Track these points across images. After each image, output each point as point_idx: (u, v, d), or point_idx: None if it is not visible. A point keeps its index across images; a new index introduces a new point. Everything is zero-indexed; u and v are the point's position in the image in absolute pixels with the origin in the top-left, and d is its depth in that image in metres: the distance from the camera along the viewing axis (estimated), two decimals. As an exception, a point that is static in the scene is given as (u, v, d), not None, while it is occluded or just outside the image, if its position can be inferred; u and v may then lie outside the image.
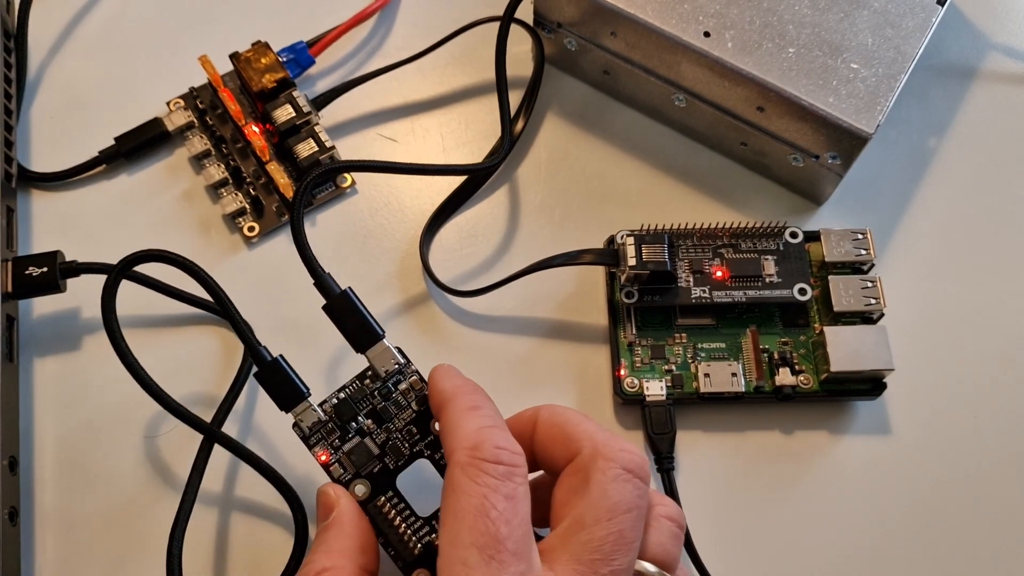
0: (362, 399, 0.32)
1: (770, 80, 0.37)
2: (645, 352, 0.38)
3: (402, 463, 0.32)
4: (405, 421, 0.32)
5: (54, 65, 0.45)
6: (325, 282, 0.32)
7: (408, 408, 0.32)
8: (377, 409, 0.32)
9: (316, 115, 0.42)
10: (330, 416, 0.32)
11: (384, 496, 0.31)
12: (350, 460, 0.31)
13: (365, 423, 0.32)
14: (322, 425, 0.32)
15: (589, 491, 0.27)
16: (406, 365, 0.32)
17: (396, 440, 0.32)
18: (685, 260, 0.38)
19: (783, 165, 0.41)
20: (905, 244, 0.41)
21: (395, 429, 0.32)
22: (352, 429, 0.32)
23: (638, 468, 0.28)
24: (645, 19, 0.38)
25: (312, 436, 0.32)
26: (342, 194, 0.42)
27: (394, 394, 0.32)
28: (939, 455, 0.38)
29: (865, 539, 0.36)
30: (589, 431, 0.29)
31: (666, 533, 0.28)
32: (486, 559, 0.25)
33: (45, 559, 0.35)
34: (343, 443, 0.32)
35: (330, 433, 0.32)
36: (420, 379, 0.32)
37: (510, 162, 0.43)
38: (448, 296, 0.40)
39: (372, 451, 0.32)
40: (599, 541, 0.26)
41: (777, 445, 0.38)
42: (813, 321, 0.38)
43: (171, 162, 0.43)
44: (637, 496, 0.27)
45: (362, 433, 0.32)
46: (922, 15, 0.39)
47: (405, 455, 0.32)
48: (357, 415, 0.32)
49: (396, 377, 0.32)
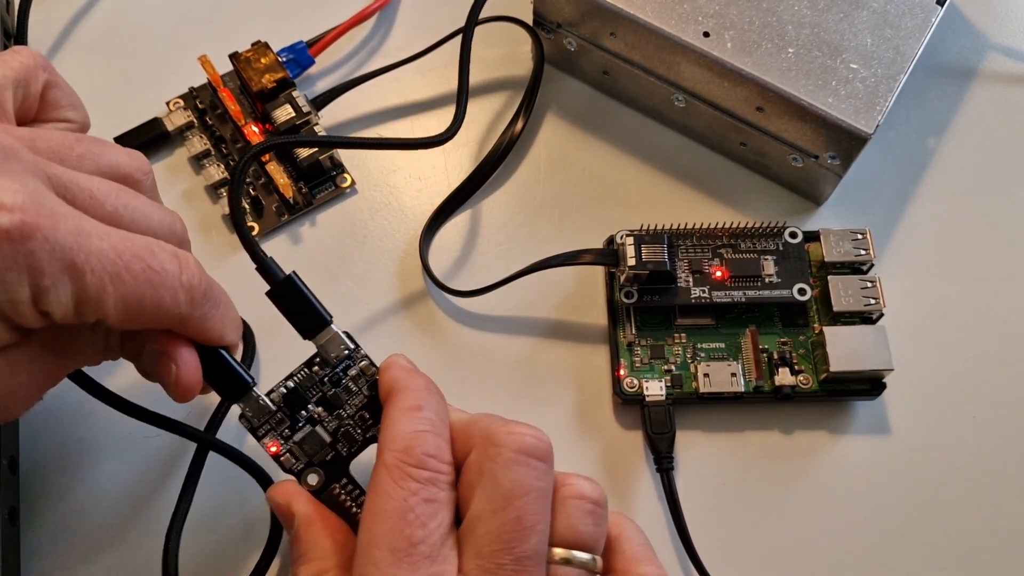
0: (311, 386, 0.31)
1: (770, 80, 0.37)
2: (645, 352, 0.38)
3: (355, 449, 0.31)
4: (356, 407, 0.31)
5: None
6: (268, 266, 0.30)
7: (360, 394, 0.31)
8: (327, 396, 0.31)
9: (316, 115, 0.42)
10: (279, 406, 0.31)
11: (338, 484, 0.31)
12: (302, 449, 0.31)
13: (316, 411, 0.31)
14: (271, 415, 0.31)
15: (483, 482, 0.27)
16: (355, 350, 0.31)
17: (348, 427, 0.31)
18: (685, 260, 0.38)
19: (783, 165, 0.41)
20: (904, 244, 0.41)
21: (347, 416, 0.31)
22: (302, 418, 0.31)
23: (532, 448, 0.27)
24: (645, 19, 0.38)
25: (260, 427, 0.31)
26: (342, 194, 0.42)
27: (344, 380, 0.31)
28: (938, 455, 0.38)
29: (864, 538, 0.36)
30: (482, 424, 0.28)
31: (575, 514, 0.28)
32: (397, 560, 0.25)
33: (45, 559, 0.35)
34: (293, 432, 0.31)
35: (280, 423, 0.31)
36: (371, 364, 0.31)
37: (510, 162, 0.43)
38: (448, 296, 0.40)
39: (324, 439, 0.31)
40: (496, 531, 0.26)
41: (777, 445, 0.38)
42: (812, 321, 0.38)
43: (171, 162, 0.43)
44: (534, 477, 0.27)
45: (313, 421, 0.31)
46: (921, 15, 0.39)
47: (358, 441, 0.31)
48: (307, 403, 0.31)
49: (346, 363, 0.31)
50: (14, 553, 0.35)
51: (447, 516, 0.27)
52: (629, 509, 0.36)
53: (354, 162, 0.43)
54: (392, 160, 0.43)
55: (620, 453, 0.37)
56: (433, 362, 0.39)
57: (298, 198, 0.41)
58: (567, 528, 0.27)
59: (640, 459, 0.37)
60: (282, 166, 0.41)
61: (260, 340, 0.39)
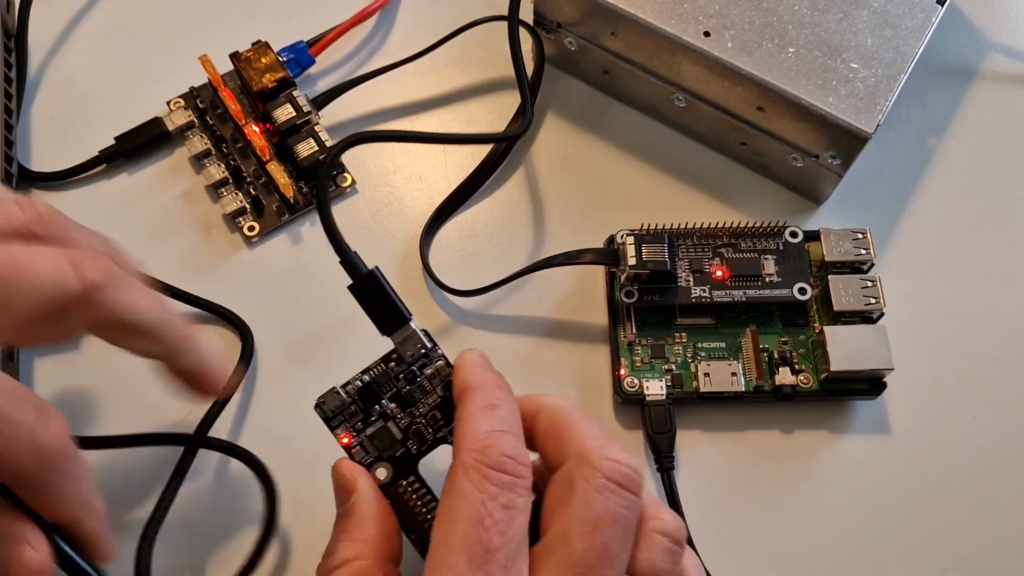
0: (386, 382, 0.31)
1: (770, 80, 0.37)
2: (645, 352, 0.38)
3: (425, 448, 0.31)
4: (429, 406, 0.31)
5: (54, 65, 0.45)
6: (352, 261, 0.30)
7: (433, 393, 0.31)
8: (401, 393, 0.31)
9: (316, 115, 0.42)
10: (353, 398, 0.31)
11: (405, 481, 0.30)
12: (372, 444, 0.31)
13: (389, 407, 0.31)
14: (345, 407, 0.31)
15: (572, 502, 0.26)
16: (433, 349, 0.31)
17: (420, 425, 0.31)
18: (685, 260, 0.38)
19: (783, 165, 0.41)
20: (905, 244, 0.41)
21: (419, 414, 0.31)
22: (376, 412, 0.31)
23: (625, 479, 0.26)
24: (645, 19, 0.38)
25: (335, 418, 0.31)
26: (342, 194, 0.42)
27: (419, 378, 0.31)
28: (938, 454, 0.38)
29: (865, 538, 0.36)
30: (581, 436, 0.27)
31: (657, 549, 0.27)
32: (474, 568, 0.25)
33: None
34: (366, 426, 0.31)
35: (352, 416, 0.31)
36: (447, 364, 0.31)
37: (510, 162, 0.43)
38: (448, 296, 0.40)
39: (395, 435, 0.31)
40: (581, 555, 0.25)
41: (777, 445, 0.38)
42: (813, 321, 0.38)
43: (171, 162, 0.43)
44: (623, 508, 0.26)
45: (385, 417, 0.31)
46: (921, 15, 0.39)
47: (428, 440, 0.31)
48: (381, 398, 0.31)
49: (422, 361, 0.31)
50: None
51: (524, 523, 0.26)
52: (629, 509, 0.36)
53: (354, 162, 0.43)
54: (392, 160, 0.43)
55: (620, 453, 0.37)
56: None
57: (299, 198, 0.41)
58: (647, 561, 0.27)
59: (640, 459, 0.37)
60: (283, 166, 0.41)
61: (260, 339, 0.39)
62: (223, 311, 0.39)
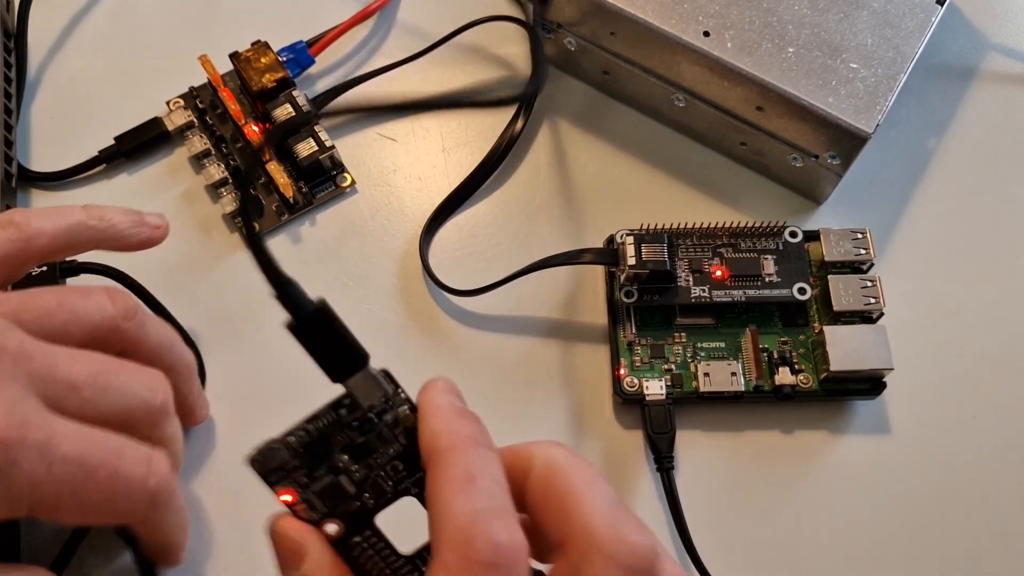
0: (338, 432, 0.26)
1: (770, 80, 0.37)
2: (645, 351, 0.38)
3: (383, 502, 0.26)
4: (390, 457, 0.26)
5: (54, 65, 0.45)
6: (292, 294, 0.24)
7: (395, 443, 0.26)
8: (356, 444, 0.26)
9: (316, 114, 0.42)
10: (296, 451, 0.25)
11: (360, 536, 0.26)
12: (321, 500, 0.26)
13: (340, 459, 0.26)
14: (286, 463, 0.25)
15: None
16: (395, 394, 0.26)
17: (378, 477, 0.26)
18: (685, 260, 0.38)
19: (783, 165, 0.41)
20: (905, 244, 0.41)
21: (377, 465, 0.26)
22: (324, 466, 0.26)
23: (643, 564, 0.22)
24: (645, 19, 0.38)
25: (273, 474, 0.25)
26: (342, 194, 0.42)
27: (377, 426, 0.26)
28: (938, 454, 0.38)
29: (865, 538, 0.36)
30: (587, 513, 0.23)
31: None
32: None
33: (45, 559, 0.35)
34: (312, 481, 0.25)
35: (296, 469, 0.25)
36: (411, 409, 0.26)
37: (510, 162, 0.43)
38: (448, 296, 0.40)
39: (347, 490, 0.26)
40: None
41: (777, 445, 0.38)
42: (813, 321, 0.38)
43: (171, 162, 0.43)
44: None
45: (336, 471, 0.26)
46: (921, 15, 0.39)
47: (388, 494, 0.26)
48: (331, 451, 0.26)
49: (381, 407, 0.26)
50: (14, 553, 0.35)
51: None
52: (629, 509, 0.36)
53: (354, 162, 0.43)
54: (392, 160, 0.43)
55: (620, 453, 0.37)
56: (433, 362, 0.39)
57: (298, 197, 0.41)
58: None
59: (640, 459, 0.37)
60: (282, 165, 0.41)
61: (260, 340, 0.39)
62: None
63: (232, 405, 0.38)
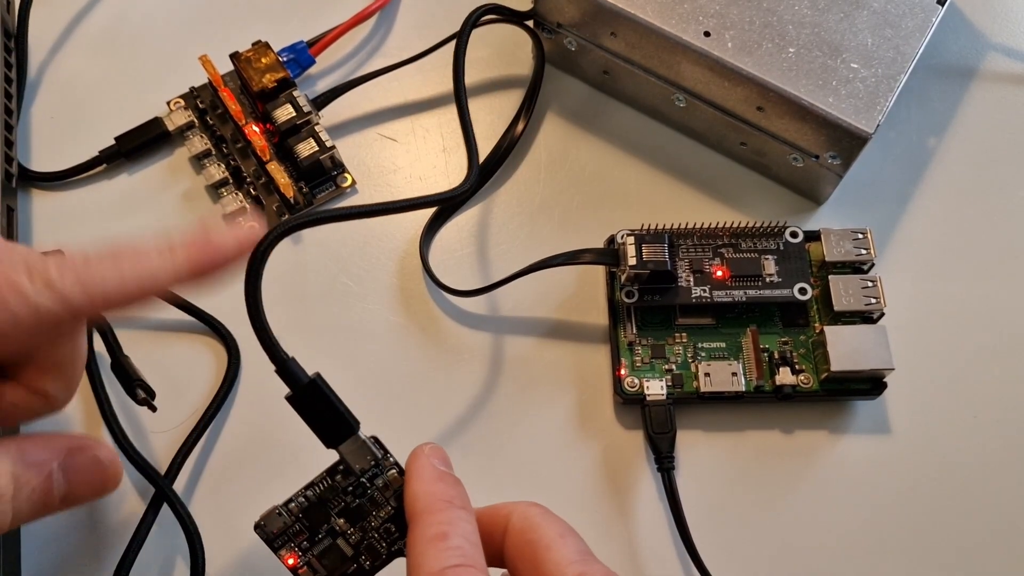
0: (333, 497, 0.29)
1: (770, 80, 0.37)
2: (645, 351, 0.38)
3: (379, 563, 0.29)
4: (382, 519, 0.29)
5: (54, 65, 0.45)
6: (290, 369, 0.27)
7: (386, 506, 0.29)
8: (351, 507, 0.29)
9: (316, 115, 0.42)
10: (297, 517, 0.29)
11: None
12: (321, 563, 0.29)
13: (337, 522, 0.29)
14: (288, 527, 0.29)
15: None
16: (383, 458, 0.29)
17: (372, 539, 0.29)
18: (685, 260, 0.38)
19: (783, 165, 0.41)
20: (905, 244, 0.41)
21: (371, 527, 0.29)
22: (323, 530, 0.29)
23: None
24: (645, 19, 0.38)
25: (277, 539, 0.29)
26: (342, 194, 0.42)
27: (370, 490, 0.29)
28: (939, 454, 0.38)
29: (865, 538, 0.36)
30: (558, 560, 0.24)
31: None
32: None
33: (44, 554, 0.35)
34: (312, 545, 0.29)
35: (298, 534, 0.29)
36: (399, 474, 0.29)
37: (510, 162, 0.43)
38: (448, 296, 0.40)
39: (345, 553, 0.29)
40: None
41: (777, 445, 0.38)
42: (813, 321, 0.38)
43: (171, 162, 0.43)
44: None
45: (334, 534, 0.29)
46: (922, 15, 0.39)
47: (382, 555, 0.29)
48: (329, 515, 0.29)
49: (372, 471, 0.29)
50: (14, 553, 0.35)
51: None
52: (629, 509, 0.36)
53: (355, 162, 0.43)
54: (392, 160, 0.43)
55: (621, 453, 0.37)
56: (433, 362, 0.39)
57: (299, 198, 0.41)
58: None
59: (641, 459, 0.37)
60: (283, 166, 0.41)
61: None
62: (211, 320, 0.39)
63: (230, 402, 0.38)
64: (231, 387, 0.38)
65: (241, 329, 0.39)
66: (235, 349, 0.38)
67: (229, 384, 0.38)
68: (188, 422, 0.37)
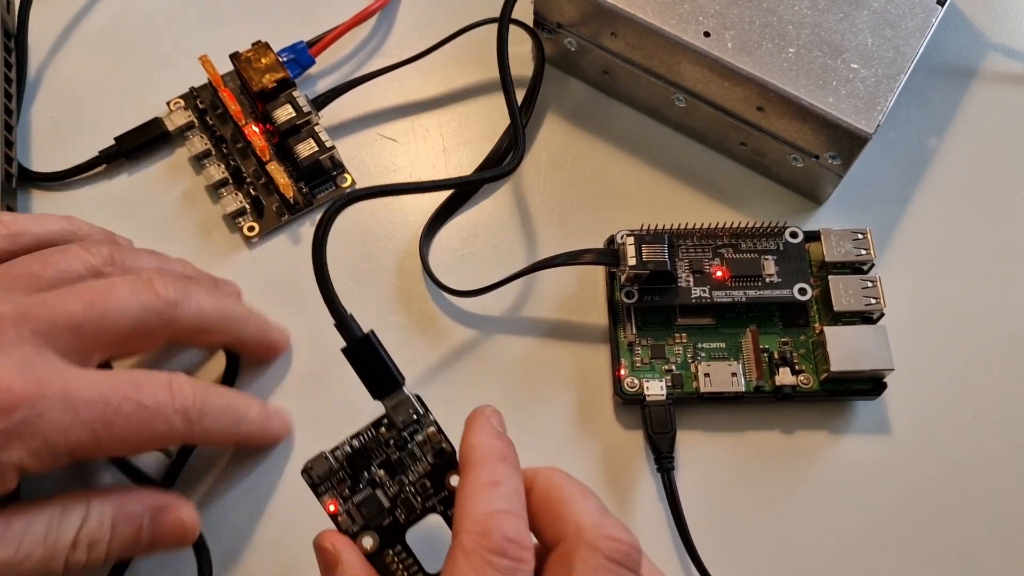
0: (376, 448, 0.31)
1: (770, 80, 0.37)
2: (645, 352, 0.38)
3: (413, 518, 0.30)
4: (419, 475, 0.30)
5: (54, 65, 0.45)
6: (347, 324, 0.30)
7: (423, 461, 0.30)
8: (391, 460, 0.30)
9: (316, 115, 0.42)
10: (342, 464, 0.30)
11: (392, 550, 0.30)
12: (360, 512, 0.30)
13: (377, 474, 0.30)
14: (333, 473, 0.30)
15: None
16: (424, 415, 0.31)
17: (409, 494, 0.30)
18: (685, 260, 0.38)
19: (783, 165, 0.41)
20: (905, 244, 0.41)
21: (408, 482, 0.30)
22: (364, 479, 0.30)
23: (625, 558, 0.26)
24: (645, 19, 0.38)
25: (322, 484, 0.30)
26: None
27: (410, 445, 0.31)
28: (939, 454, 0.38)
29: (865, 538, 0.36)
30: (578, 513, 0.27)
31: None
32: None
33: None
34: (353, 494, 0.30)
35: (340, 482, 0.30)
36: (438, 431, 0.31)
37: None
38: (448, 296, 0.40)
39: (383, 504, 0.30)
40: None
41: (777, 445, 0.38)
42: (813, 321, 0.38)
43: (171, 162, 0.43)
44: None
45: (374, 484, 0.30)
46: (922, 15, 0.39)
47: (417, 510, 0.30)
48: (370, 465, 0.30)
49: (413, 427, 0.31)
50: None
51: None
52: (629, 509, 0.36)
53: (355, 162, 0.43)
54: (393, 160, 0.43)
55: (621, 453, 0.37)
56: (433, 362, 0.39)
57: (299, 198, 0.41)
58: None
59: (641, 459, 0.37)
60: (283, 166, 0.41)
61: (260, 340, 0.39)
62: None
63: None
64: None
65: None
66: (233, 355, 0.38)
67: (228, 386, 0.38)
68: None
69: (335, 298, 0.30)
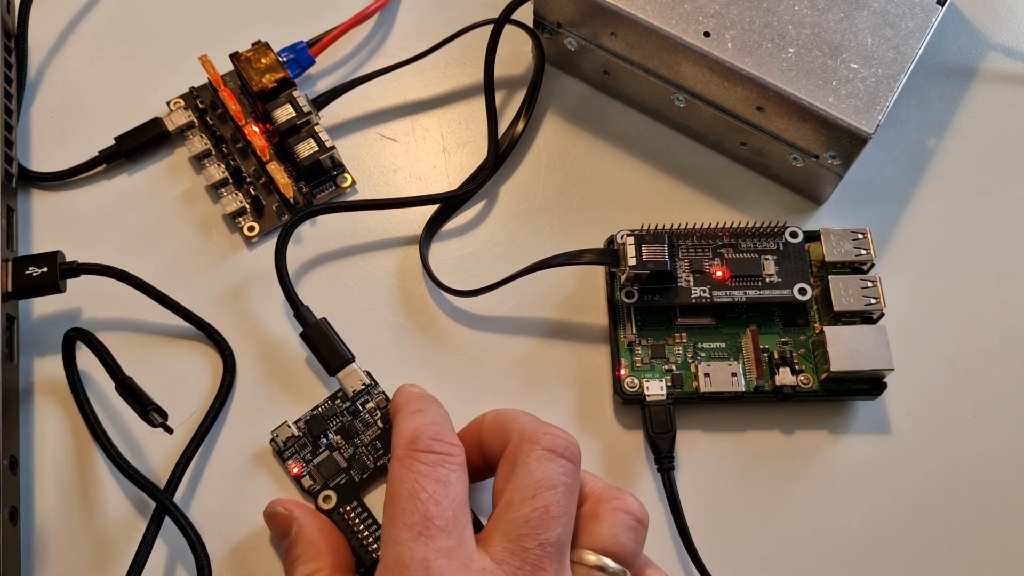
0: (332, 416, 0.36)
1: (770, 80, 0.37)
2: (645, 352, 0.38)
3: (367, 476, 0.35)
4: (371, 437, 0.36)
5: (54, 65, 0.45)
6: (302, 312, 0.36)
7: (374, 425, 0.36)
8: (345, 426, 0.36)
9: (316, 115, 0.42)
10: (303, 432, 0.35)
11: (348, 506, 0.34)
12: (319, 472, 0.35)
13: (334, 439, 0.35)
14: (295, 440, 0.35)
15: (516, 473, 0.29)
16: (372, 386, 0.36)
17: (362, 454, 0.35)
18: (685, 260, 0.38)
19: (783, 165, 0.41)
20: (905, 244, 0.41)
21: (361, 444, 0.35)
22: (322, 444, 0.35)
23: (562, 448, 0.29)
24: (645, 19, 0.38)
25: (287, 450, 0.35)
26: (342, 194, 0.42)
27: (361, 413, 0.36)
28: (939, 455, 0.38)
29: (865, 538, 0.36)
30: (520, 423, 0.31)
31: (620, 525, 0.29)
32: (415, 535, 0.27)
33: (45, 558, 0.35)
34: (314, 456, 0.35)
35: (302, 447, 0.35)
36: (386, 399, 0.36)
37: (510, 162, 0.43)
38: (448, 296, 0.40)
39: (339, 464, 0.35)
40: (525, 517, 0.28)
41: (777, 445, 0.38)
42: (813, 321, 0.38)
43: (171, 162, 0.43)
44: (561, 474, 0.29)
45: (331, 448, 0.35)
46: (922, 15, 0.39)
47: (370, 468, 0.35)
48: (327, 431, 0.35)
49: (363, 397, 0.36)
50: (14, 553, 0.35)
51: (460, 493, 0.29)
52: (629, 509, 0.36)
53: (355, 162, 0.43)
54: (393, 160, 0.43)
55: (620, 453, 0.37)
56: (433, 362, 0.39)
57: (299, 198, 0.41)
58: (609, 536, 0.29)
59: (641, 459, 0.37)
60: (283, 166, 0.41)
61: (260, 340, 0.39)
62: (208, 328, 0.39)
63: (226, 411, 0.38)
64: (227, 395, 0.38)
65: (236, 334, 0.39)
66: (230, 356, 0.38)
67: (225, 392, 0.38)
68: (185, 432, 0.37)
69: (293, 293, 0.37)
